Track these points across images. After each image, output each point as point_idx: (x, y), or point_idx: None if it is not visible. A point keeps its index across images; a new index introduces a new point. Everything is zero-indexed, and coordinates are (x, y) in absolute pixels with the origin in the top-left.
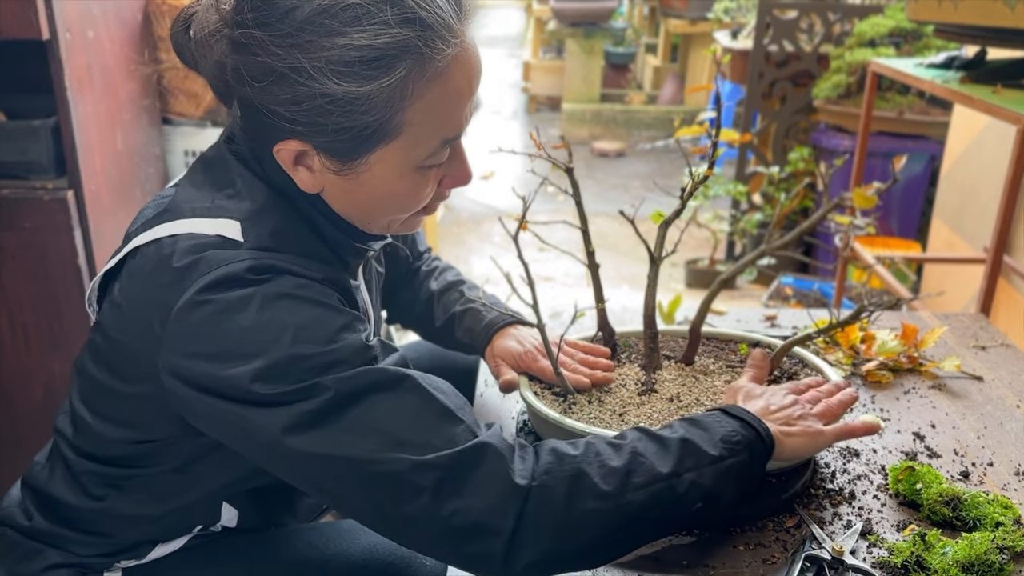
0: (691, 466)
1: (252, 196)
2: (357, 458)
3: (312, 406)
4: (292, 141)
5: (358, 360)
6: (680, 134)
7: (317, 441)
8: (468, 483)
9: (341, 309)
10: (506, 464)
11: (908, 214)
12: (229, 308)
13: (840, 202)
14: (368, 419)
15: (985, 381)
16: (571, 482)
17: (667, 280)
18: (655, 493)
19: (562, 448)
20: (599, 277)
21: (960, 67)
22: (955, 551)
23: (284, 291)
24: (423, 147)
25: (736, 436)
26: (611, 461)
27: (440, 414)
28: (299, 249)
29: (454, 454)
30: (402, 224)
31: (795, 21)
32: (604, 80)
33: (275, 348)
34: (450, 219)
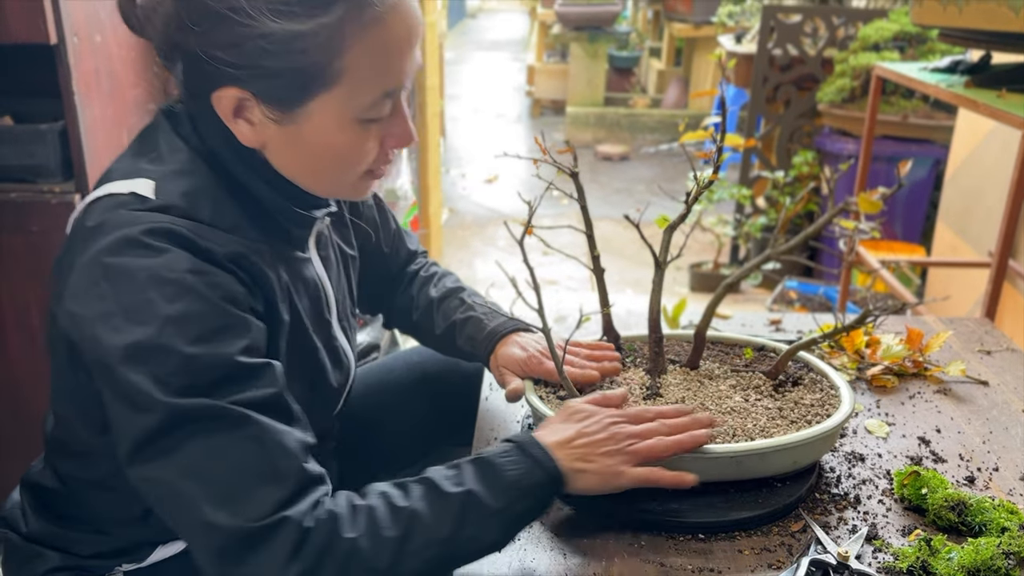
0: (473, 521)
1: (173, 158)
2: (165, 486)
3: (150, 422)
4: (232, 88)
5: (217, 372)
6: (685, 139)
7: (141, 458)
8: (247, 562)
9: (226, 309)
10: (287, 552)
11: (913, 218)
12: (115, 276)
13: (845, 207)
14: (191, 455)
15: (990, 385)
16: (343, 564)
17: (671, 284)
18: (432, 557)
19: (339, 524)
20: (604, 281)
21: (965, 71)
22: (961, 556)
23: (170, 274)
24: (363, 97)
25: (524, 481)
26: (387, 531)
27: (262, 478)
28: (213, 213)
29: (245, 529)
30: (350, 188)
31: (799, 25)
32: (608, 84)
33: (143, 329)
34: (455, 223)
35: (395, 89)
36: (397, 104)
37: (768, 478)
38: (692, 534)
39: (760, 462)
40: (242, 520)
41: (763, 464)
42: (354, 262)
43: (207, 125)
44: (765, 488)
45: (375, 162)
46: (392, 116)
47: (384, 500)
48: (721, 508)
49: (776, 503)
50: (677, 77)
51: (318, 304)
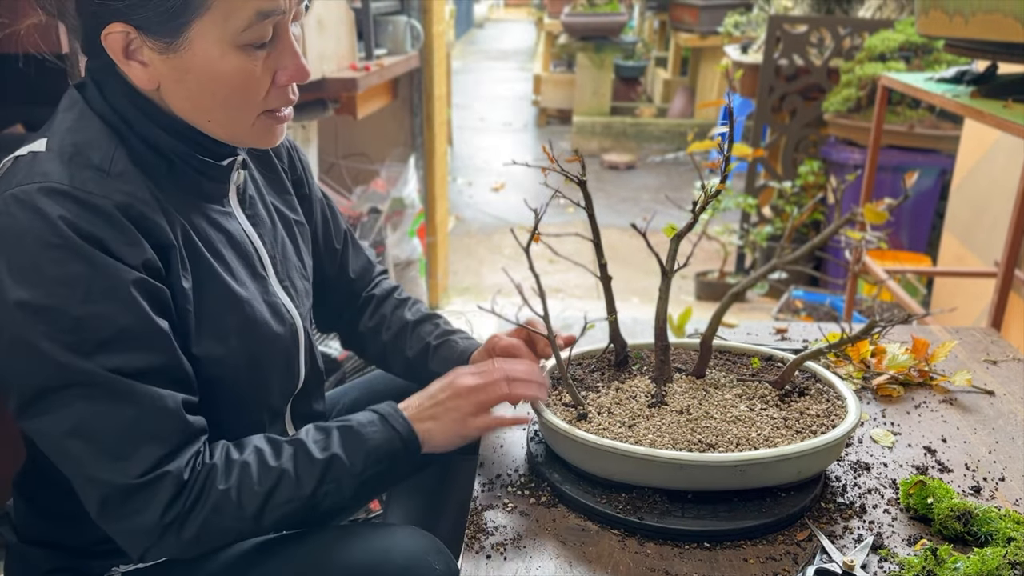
0: (332, 480)
1: (69, 117)
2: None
3: (40, 380)
4: (116, 24)
5: (103, 333)
6: (692, 149)
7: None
8: (126, 512)
9: (116, 270)
10: (164, 502)
11: (919, 228)
12: (6, 236)
13: (851, 217)
14: (77, 415)
15: (996, 395)
16: (211, 512)
17: (676, 292)
18: (293, 511)
19: (215, 477)
20: (611, 289)
21: (971, 82)
22: (967, 566)
23: (58, 239)
24: (236, 18)
25: (383, 448)
26: (256, 486)
27: (142, 439)
28: (102, 159)
29: (126, 485)
30: (250, 129)
31: (805, 35)
32: (614, 93)
33: (37, 288)
34: (461, 231)
35: (270, 11)
36: (282, 33)
37: (773, 487)
38: (697, 543)
39: (764, 471)
40: (123, 477)
41: (767, 473)
42: (301, 228)
43: (109, 85)
44: (770, 497)
45: (272, 99)
46: (279, 47)
47: (257, 457)
48: (726, 517)
49: (781, 512)
50: (683, 87)
51: (247, 259)
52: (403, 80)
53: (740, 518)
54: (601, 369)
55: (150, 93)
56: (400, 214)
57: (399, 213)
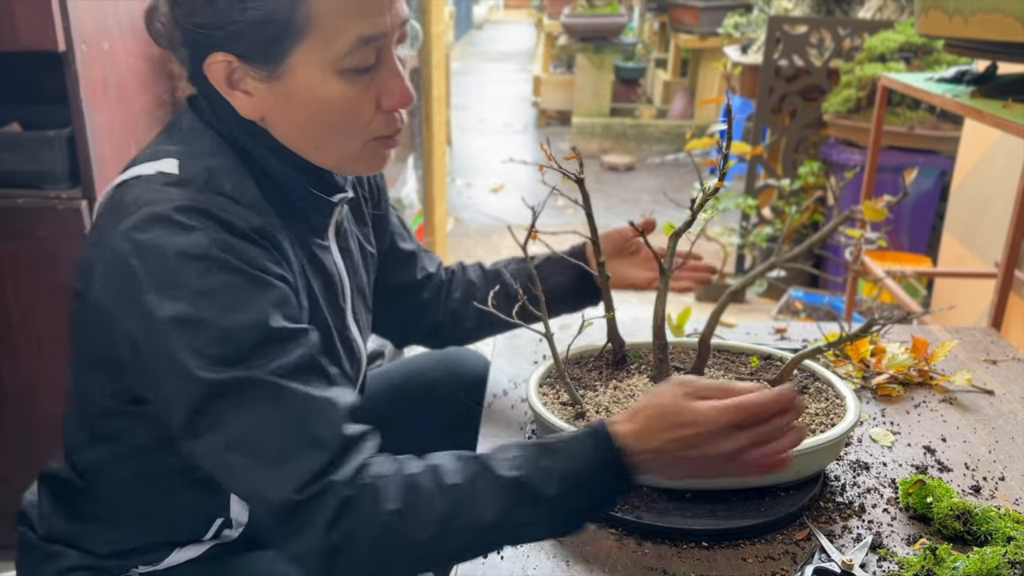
0: (522, 509)
1: (195, 138)
2: (218, 458)
3: (195, 396)
4: (218, 54)
5: (255, 338)
6: (691, 146)
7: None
8: (293, 528)
9: (258, 280)
10: (326, 521)
11: (919, 229)
12: (152, 250)
13: (851, 215)
14: (236, 428)
15: (996, 395)
16: (382, 537)
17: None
18: (474, 540)
19: (384, 496)
20: (609, 287)
21: (971, 82)
22: (966, 566)
23: (200, 251)
24: (338, 43)
25: (583, 472)
26: (431, 510)
27: (303, 445)
28: (234, 189)
29: (288, 501)
30: (357, 156)
31: (805, 36)
32: (614, 95)
33: (184, 302)
34: (460, 231)
35: (373, 35)
36: (386, 57)
37: (772, 486)
38: (695, 542)
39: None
40: (283, 491)
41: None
42: (373, 260)
43: (224, 109)
44: (769, 496)
45: (378, 126)
46: (384, 72)
47: (433, 476)
48: (724, 516)
49: (780, 511)
50: (683, 88)
51: (334, 292)
52: None
53: (738, 517)
54: (599, 368)
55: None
56: None
57: None
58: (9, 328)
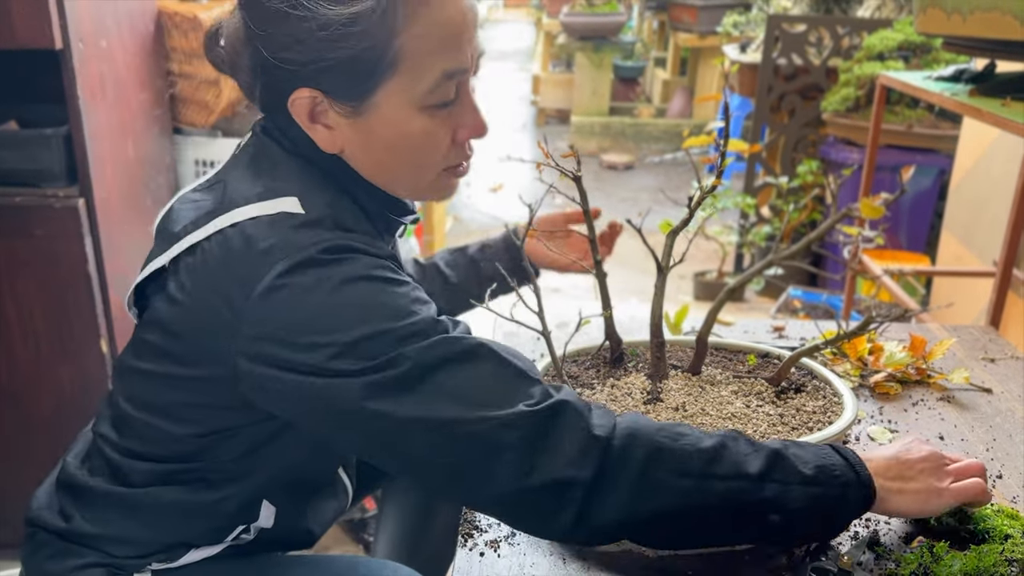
0: (779, 478)
1: (297, 173)
2: (440, 419)
3: (394, 374)
4: (303, 90)
5: (433, 331)
6: (689, 144)
7: (399, 405)
8: (550, 438)
9: (411, 283)
10: (585, 419)
11: (917, 228)
12: (307, 291)
13: (848, 212)
14: (450, 384)
15: (994, 393)
16: (650, 451)
17: (675, 292)
18: (735, 491)
19: (643, 420)
20: (606, 285)
21: (969, 80)
22: (963, 564)
23: (358, 273)
24: (425, 79)
25: (835, 469)
26: (698, 443)
27: (516, 376)
28: (353, 222)
29: (535, 411)
30: (430, 186)
31: (804, 35)
32: (613, 93)
33: (353, 327)
34: (459, 230)
35: (456, 70)
36: (464, 91)
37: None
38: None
39: None
40: (527, 410)
41: None
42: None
43: (305, 144)
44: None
45: (451, 156)
46: (461, 104)
47: (688, 427)
48: None
49: None
50: (682, 87)
51: None
52: None
53: None
54: (596, 366)
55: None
56: None
57: None
58: (7, 326)
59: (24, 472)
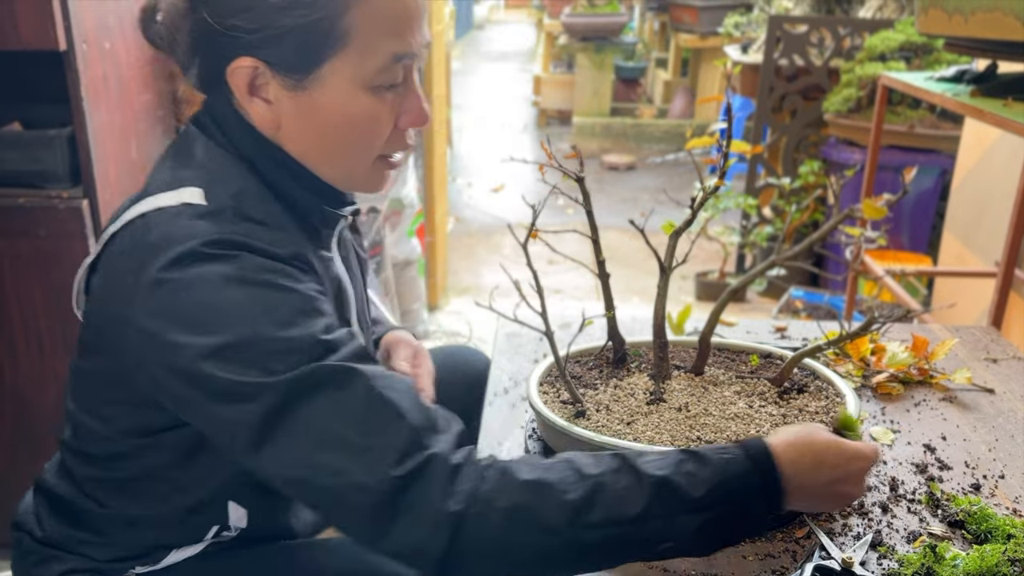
0: (661, 512)
1: (212, 162)
2: (294, 459)
3: (262, 406)
4: (247, 58)
5: (313, 350)
6: (691, 145)
7: (254, 430)
8: (402, 511)
9: (301, 293)
10: (443, 488)
11: (919, 228)
12: (184, 287)
13: (851, 213)
14: (312, 420)
15: (996, 393)
16: (513, 512)
17: (677, 292)
18: (612, 536)
19: (515, 470)
20: (609, 286)
21: (971, 81)
22: (966, 563)
23: (239, 274)
24: (373, 59)
25: (733, 483)
26: (568, 493)
27: (389, 421)
28: (262, 214)
29: (391, 479)
30: (365, 175)
31: (805, 35)
32: (614, 94)
33: (222, 331)
34: (461, 231)
35: (404, 54)
36: (409, 77)
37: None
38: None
39: None
40: (385, 468)
41: None
42: (366, 266)
43: (234, 128)
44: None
45: (390, 143)
46: (405, 91)
47: (570, 465)
48: None
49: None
50: (683, 87)
51: (340, 304)
52: None
53: None
54: (599, 366)
55: (269, 135)
56: (399, 214)
57: (398, 213)
58: (10, 327)
59: (26, 471)
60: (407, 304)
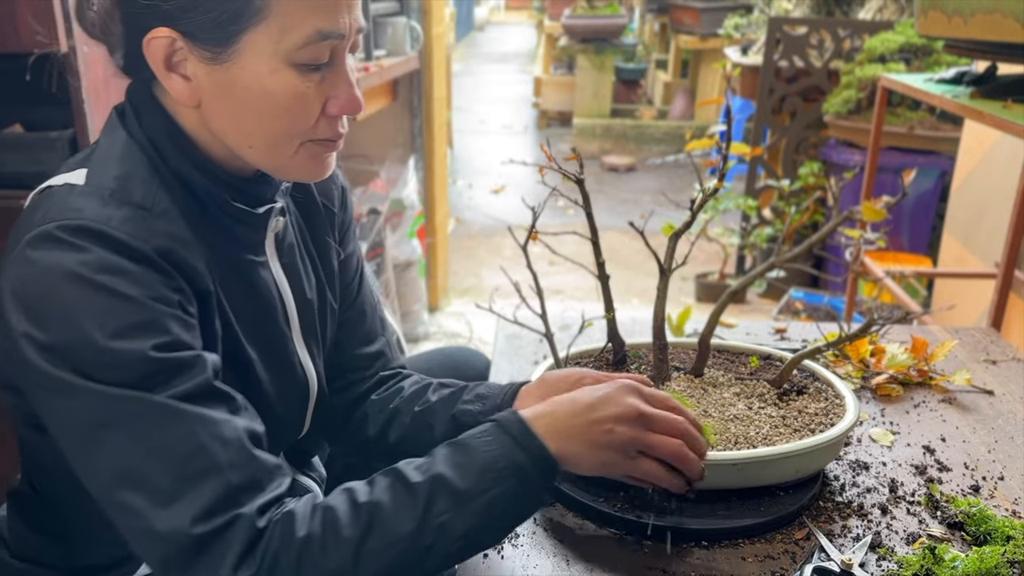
0: (440, 510)
1: (110, 146)
2: (105, 488)
3: (78, 415)
4: (161, 29)
5: (138, 366)
6: (691, 146)
7: (81, 451)
8: (195, 566)
9: (139, 303)
10: (238, 554)
11: (919, 230)
12: (33, 274)
13: (850, 215)
14: (125, 453)
15: (996, 395)
16: (295, 567)
17: (676, 294)
18: (397, 554)
19: (294, 526)
20: (609, 288)
21: (970, 82)
22: (965, 565)
23: (80, 271)
24: (294, 33)
25: (501, 462)
26: (344, 529)
27: (204, 472)
28: (146, 199)
29: (188, 536)
30: (295, 160)
31: (805, 37)
32: (615, 96)
33: (56, 328)
34: (461, 233)
35: (331, 32)
36: (339, 60)
37: (771, 486)
38: (695, 541)
39: (761, 470)
40: (184, 523)
41: (765, 472)
42: (332, 278)
43: (147, 114)
44: (768, 496)
45: (320, 128)
46: (334, 74)
47: (346, 497)
48: (724, 515)
49: (779, 511)
50: (683, 89)
51: (270, 313)
52: (403, 81)
53: (738, 517)
54: (599, 368)
55: (188, 125)
56: (400, 215)
57: (399, 214)
58: None
59: None
60: (407, 305)
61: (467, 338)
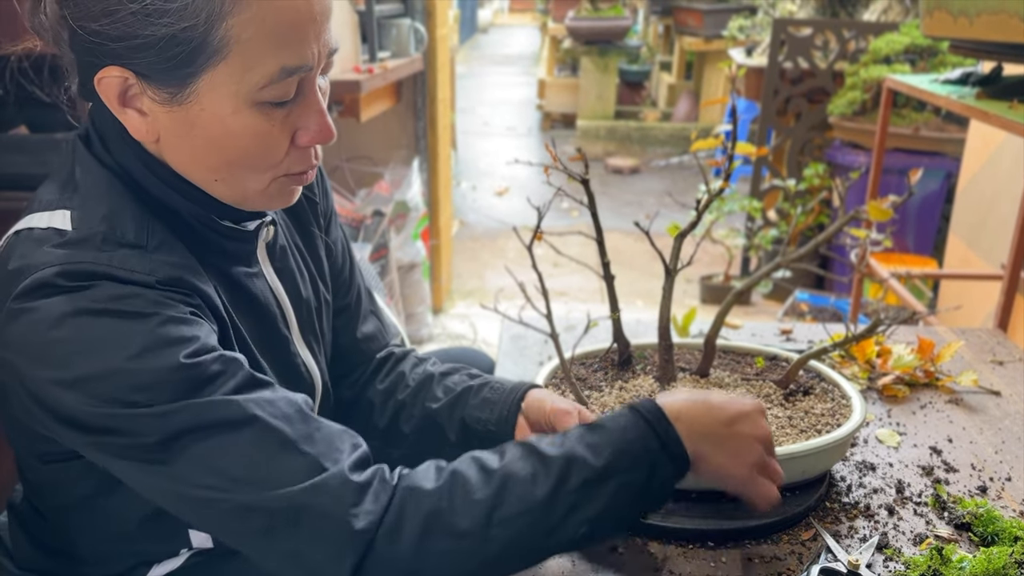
0: (573, 487)
1: (87, 179)
2: (187, 496)
3: (136, 439)
4: (113, 68)
5: (174, 376)
6: (696, 147)
7: (146, 475)
8: (302, 526)
9: (159, 316)
10: (346, 507)
11: (924, 231)
12: (39, 320)
13: (856, 215)
14: (197, 456)
15: (1003, 396)
16: (425, 522)
17: (681, 296)
18: (527, 525)
19: (420, 481)
20: (614, 288)
21: (976, 83)
22: (973, 566)
23: (90, 305)
24: (256, 72)
25: (635, 446)
26: (476, 492)
27: (279, 447)
28: (138, 237)
29: (286, 495)
30: (263, 193)
31: (810, 38)
32: (619, 98)
33: (77, 365)
34: (465, 235)
35: (297, 67)
36: (308, 90)
37: (778, 486)
38: (701, 542)
39: None
40: (284, 486)
41: None
42: (322, 270)
43: (115, 140)
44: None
45: (292, 162)
46: (303, 105)
47: (473, 462)
48: (730, 516)
49: (786, 511)
50: (687, 91)
51: (269, 321)
52: (407, 83)
53: (744, 517)
54: (604, 369)
55: (157, 151)
56: (404, 217)
57: (403, 216)
58: None
59: None
60: (412, 307)
61: (471, 340)
